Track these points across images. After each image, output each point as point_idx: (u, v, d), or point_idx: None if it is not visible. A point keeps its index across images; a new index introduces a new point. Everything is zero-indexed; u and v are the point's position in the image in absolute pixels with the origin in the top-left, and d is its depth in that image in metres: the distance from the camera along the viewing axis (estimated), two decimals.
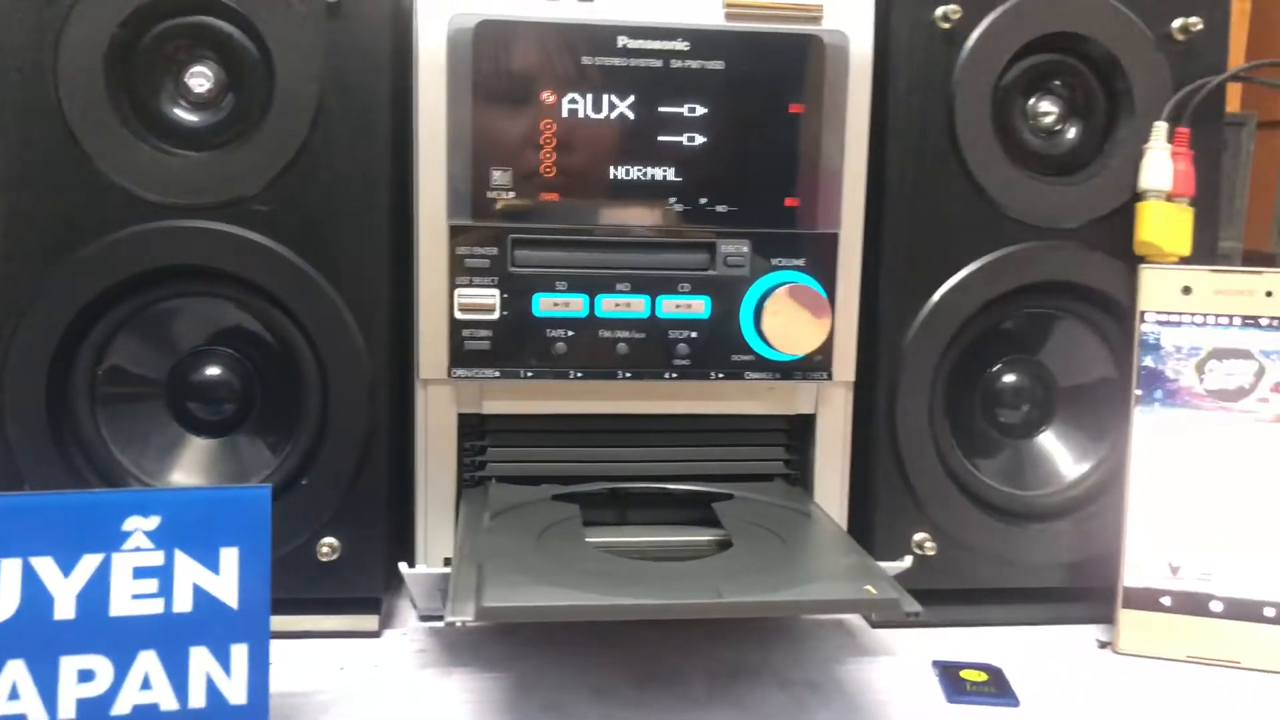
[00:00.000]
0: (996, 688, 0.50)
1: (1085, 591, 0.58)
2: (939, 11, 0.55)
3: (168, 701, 0.39)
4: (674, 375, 0.55)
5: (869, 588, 0.42)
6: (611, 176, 0.54)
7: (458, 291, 0.53)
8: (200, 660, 0.40)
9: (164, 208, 0.52)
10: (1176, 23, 0.56)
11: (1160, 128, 0.55)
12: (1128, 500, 0.55)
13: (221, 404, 0.55)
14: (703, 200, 0.54)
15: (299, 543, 0.53)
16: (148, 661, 0.39)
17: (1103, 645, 0.56)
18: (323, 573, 0.53)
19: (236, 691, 0.40)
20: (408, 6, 0.53)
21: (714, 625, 0.55)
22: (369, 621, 0.55)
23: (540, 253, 0.54)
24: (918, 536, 0.57)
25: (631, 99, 0.53)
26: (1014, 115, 0.57)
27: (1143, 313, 0.55)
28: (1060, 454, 0.60)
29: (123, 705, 0.39)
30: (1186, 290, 0.55)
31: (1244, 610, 0.53)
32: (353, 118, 0.52)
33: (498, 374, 0.54)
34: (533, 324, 0.54)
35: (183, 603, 0.40)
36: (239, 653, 0.40)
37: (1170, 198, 0.55)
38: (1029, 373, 0.59)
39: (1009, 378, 0.59)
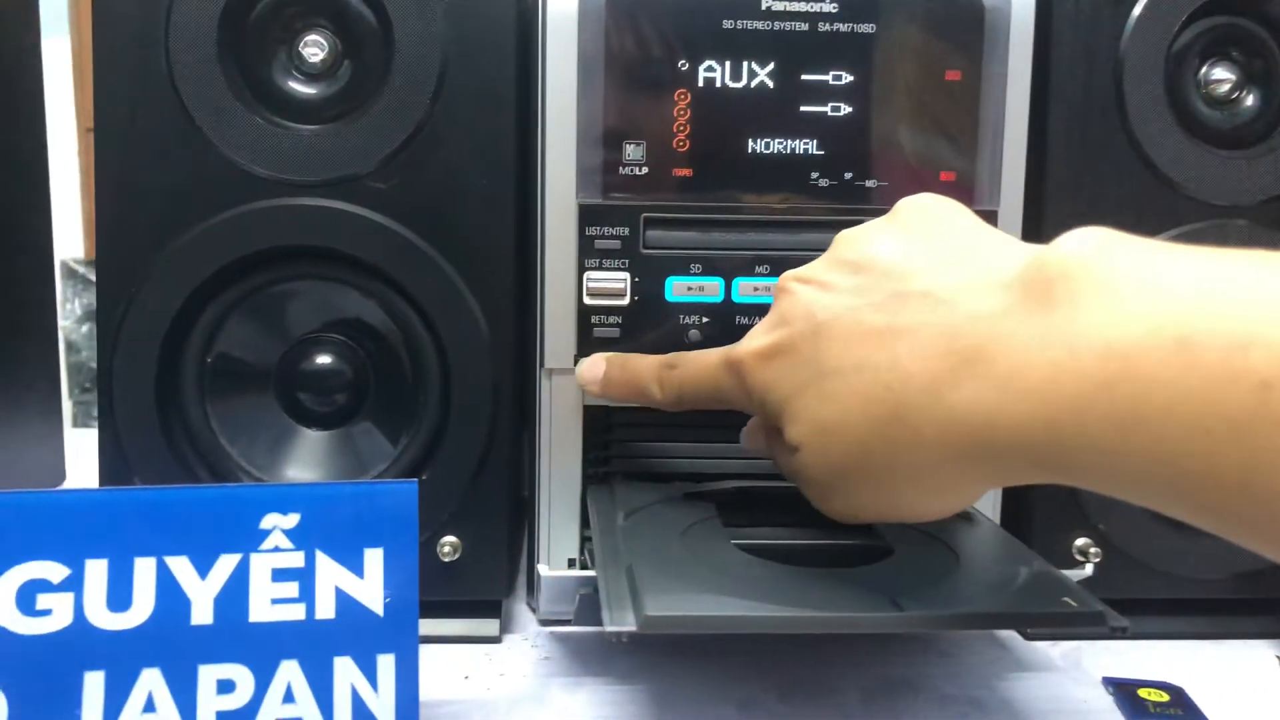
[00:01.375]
0: (1182, 709, 0.46)
1: (1260, 604, 0.53)
2: None
3: (311, 716, 0.36)
4: None
5: (1068, 600, 0.38)
6: (750, 150, 0.50)
7: (586, 275, 0.50)
8: (345, 671, 0.36)
9: (277, 184, 0.49)
10: None
11: None
12: None
13: (334, 394, 0.52)
14: (849, 175, 0.50)
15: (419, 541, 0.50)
16: (290, 672, 0.36)
17: None
18: (444, 574, 0.50)
19: (384, 707, 0.36)
20: None
21: (861, 636, 0.51)
22: (490, 626, 0.52)
23: (674, 233, 0.50)
24: (1080, 543, 0.52)
25: (773, 66, 0.49)
26: (1186, 84, 0.52)
27: None
28: None
29: (265, 718, 0.36)
30: None
31: None
32: (476, 90, 0.49)
33: None
34: (665, 309, 0.50)
35: (325, 609, 0.37)
36: (385, 664, 0.37)
37: None
38: None
39: None
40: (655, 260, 0.50)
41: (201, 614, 0.36)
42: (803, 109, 0.50)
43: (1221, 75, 0.52)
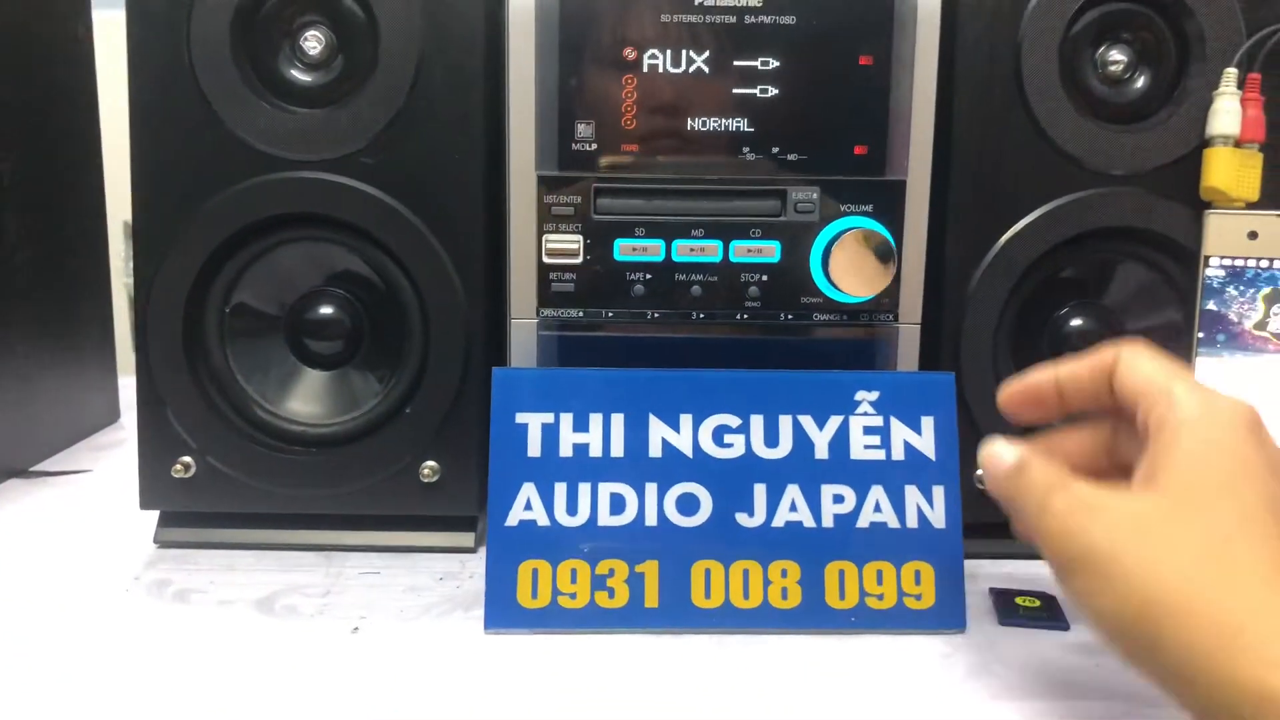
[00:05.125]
0: (1048, 614, 0.53)
1: None
2: None
3: (892, 522, 0.52)
4: (745, 316, 0.58)
5: None
6: (688, 128, 0.57)
7: (545, 237, 0.58)
8: (912, 495, 0.52)
9: (282, 161, 0.57)
10: None
11: (1230, 74, 0.56)
12: None
13: (334, 340, 0.60)
14: (774, 149, 0.57)
15: (402, 465, 0.59)
16: (877, 493, 0.52)
17: None
18: (425, 493, 0.59)
19: (938, 519, 0.52)
20: None
21: None
22: (466, 538, 0.60)
23: (621, 201, 0.58)
24: (979, 473, 0.59)
25: (707, 54, 0.56)
26: (1083, 64, 0.58)
27: (1207, 258, 0.56)
28: None
29: (863, 521, 0.52)
30: (1253, 235, 0.55)
31: None
32: (450, 76, 0.57)
33: (581, 314, 0.58)
34: (614, 267, 0.58)
35: (898, 453, 0.53)
36: (939, 492, 0.53)
37: (1239, 144, 0.56)
38: (1095, 316, 0.61)
39: (1076, 321, 0.61)
40: (605, 225, 0.58)
41: (821, 452, 0.53)
42: (734, 91, 0.57)
43: (1116, 56, 0.58)
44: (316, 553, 0.60)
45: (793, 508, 0.52)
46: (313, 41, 0.57)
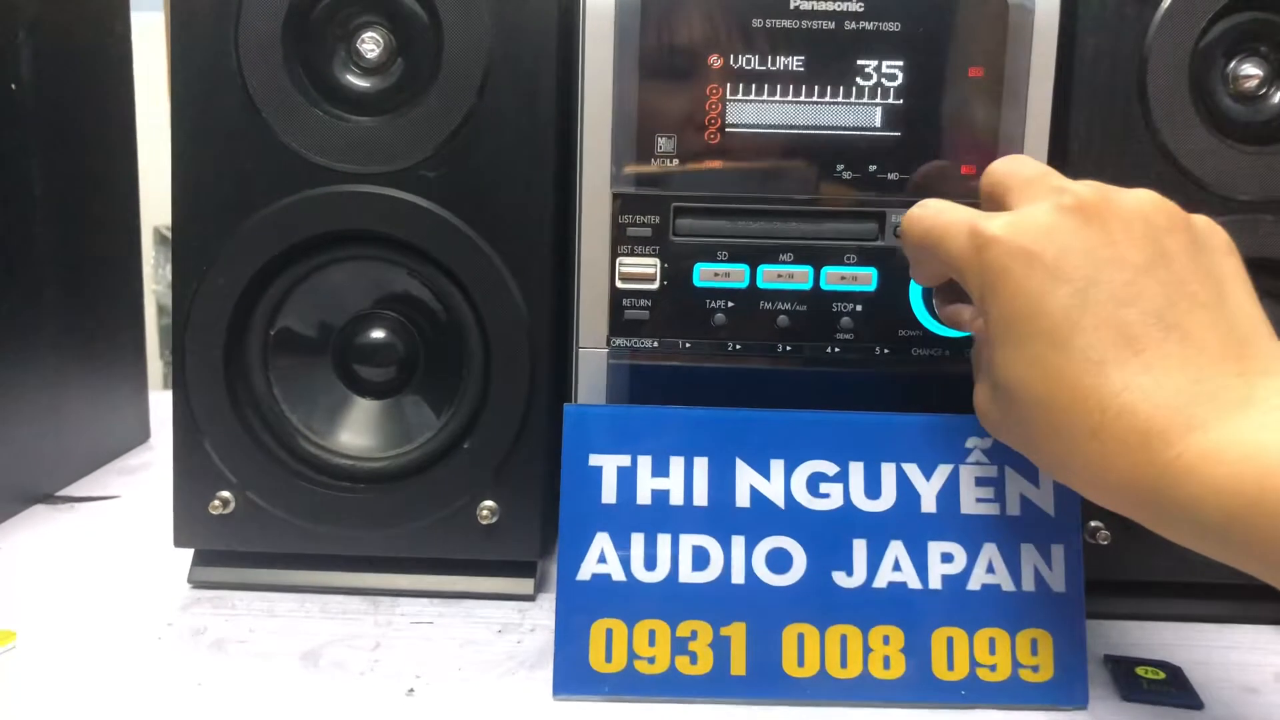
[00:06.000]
0: (1176, 688, 0.48)
1: (1271, 588, 0.54)
2: None
3: (1007, 584, 0.47)
4: (836, 349, 0.53)
5: None
6: (778, 143, 0.52)
7: (619, 260, 0.53)
8: (1029, 555, 0.47)
9: (335, 173, 0.53)
10: None
11: None
12: None
13: (387, 367, 0.56)
14: (872, 167, 0.52)
15: (459, 505, 0.54)
16: (990, 552, 0.47)
17: None
18: (482, 536, 0.54)
19: (1057, 582, 0.47)
20: None
21: None
22: (525, 585, 0.55)
23: (703, 221, 0.53)
24: (1092, 524, 0.54)
25: (801, 63, 0.51)
26: (1213, 80, 0.53)
27: None
28: None
29: (974, 583, 0.47)
30: None
31: None
32: (519, 84, 0.52)
33: (656, 344, 0.53)
34: (693, 294, 0.53)
35: (1013, 508, 0.48)
36: (1057, 551, 0.47)
37: None
38: None
39: None
40: (684, 247, 0.53)
41: (928, 505, 0.47)
42: (828, 104, 0.52)
43: (1250, 71, 0.53)
44: (362, 597, 0.55)
45: (896, 567, 0.47)
46: (370, 44, 0.53)
